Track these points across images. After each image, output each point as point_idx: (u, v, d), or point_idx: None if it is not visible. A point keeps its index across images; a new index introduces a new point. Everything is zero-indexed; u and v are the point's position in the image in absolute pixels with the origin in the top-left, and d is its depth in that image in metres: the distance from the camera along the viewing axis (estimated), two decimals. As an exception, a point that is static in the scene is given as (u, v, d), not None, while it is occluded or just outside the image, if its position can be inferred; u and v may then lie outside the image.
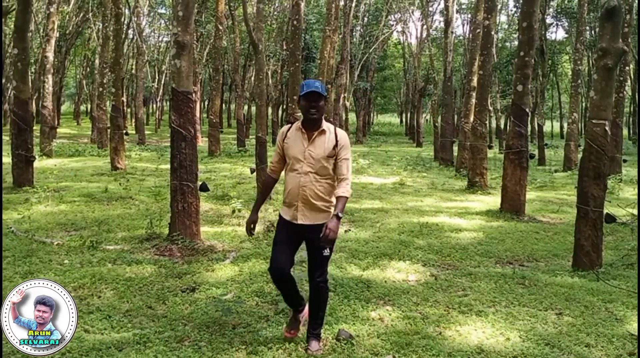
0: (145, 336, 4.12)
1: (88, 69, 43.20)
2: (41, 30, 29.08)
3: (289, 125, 4.07)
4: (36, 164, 11.72)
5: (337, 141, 3.89)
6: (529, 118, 11.12)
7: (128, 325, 4.36)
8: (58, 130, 31.05)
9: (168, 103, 52.55)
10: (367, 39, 36.09)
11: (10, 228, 7.46)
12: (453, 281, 5.81)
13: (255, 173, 10.91)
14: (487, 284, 5.73)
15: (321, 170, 3.88)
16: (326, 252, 3.93)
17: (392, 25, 39.87)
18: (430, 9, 35.31)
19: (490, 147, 15.80)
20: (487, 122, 15.43)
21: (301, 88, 3.87)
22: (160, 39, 49.80)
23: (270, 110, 34.10)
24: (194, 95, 7.52)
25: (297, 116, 14.16)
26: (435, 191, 12.97)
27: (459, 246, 7.34)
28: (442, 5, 30.60)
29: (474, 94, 14.97)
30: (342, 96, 26.94)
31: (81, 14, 34.21)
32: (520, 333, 4.41)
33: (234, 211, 8.87)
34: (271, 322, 4.50)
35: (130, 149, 21.44)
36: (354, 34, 34.65)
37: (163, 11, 41.10)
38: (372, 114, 59.29)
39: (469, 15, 37.09)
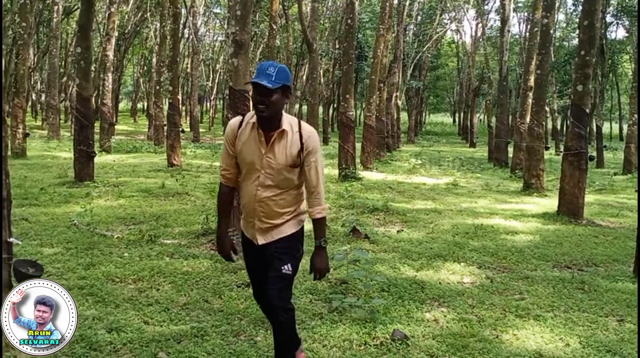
0: (202, 329, 4.20)
1: (145, 68, 44.36)
2: (102, 30, 30.03)
3: (240, 118, 3.17)
4: (96, 159, 12.09)
5: (302, 144, 3.06)
6: (588, 119, 10.81)
7: (186, 318, 4.46)
8: (116, 127, 31.96)
9: (221, 102, 53.44)
10: (421, 37, 35.74)
11: (73, 221, 7.72)
12: (509, 285, 5.70)
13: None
14: (544, 288, 5.60)
15: (283, 183, 3.10)
16: (286, 269, 3.14)
17: (446, 23, 39.36)
18: (486, 7, 34.68)
19: (546, 148, 15.42)
20: (544, 122, 15.07)
21: None
22: (214, 38, 50.63)
23: (321, 109, 34.22)
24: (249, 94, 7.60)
25: (349, 115, 14.19)
26: (490, 193, 12.74)
27: (514, 249, 7.19)
28: (497, 3, 30.01)
29: (531, 94, 14.68)
30: (394, 95, 26.76)
31: (139, 14, 35.10)
32: (580, 339, 4.29)
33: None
34: (325, 319, 4.52)
35: (186, 147, 21.90)
36: (407, 32, 34.30)
37: (218, 11, 41.75)
38: (424, 114, 58.71)
39: (526, 14, 36.32)
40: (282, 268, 3.11)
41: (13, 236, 3.05)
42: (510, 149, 20.48)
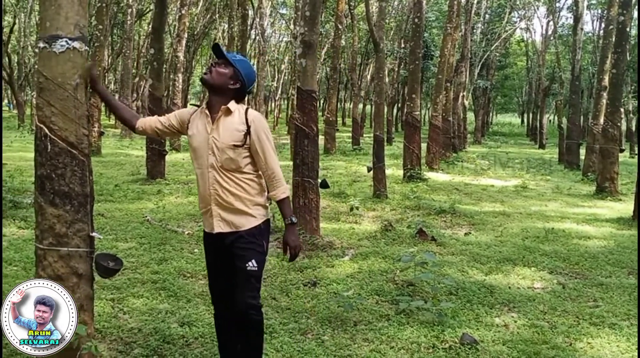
0: (270, 326, 4.26)
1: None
2: (172, 32, 30.89)
3: (197, 107, 3.29)
4: (167, 157, 12.46)
5: (247, 125, 3.05)
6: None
7: (254, 315, 4.54)
8: (184, 126, 32.74)
9: (286, 101, 53.99)
10: (489, 36, 34.97)
11: (146, 217, 7.99)
12: (582, 291, 5.50)
13: (372, 172, 10.93)
14: (620, 296, 5.38)
15: (227, 163, 3.03)
16: (251, 265, 3.03)
17: (516, 22, 38.39)
18: (558, 4, 33.58)
19: (621, 150, 14.78)
20: (619, 124, 14.47)
21: None
22: (280, 39, 51.20)
23: (385, 109, 34.02)
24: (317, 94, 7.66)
25: (415, 115, 14.05)
26: (561, 196, 12.34)
27: (587, 255, 6.94)
28: (570, 0, 29.03)
29: (605, 94, 14.13)
30: (461, 94, 26.32)
31: (208, 15, 35.92)
32: (659, 350, 4.11)
33: (351, 209, 8.95)
34: (392, 321, 4.49)
35: (251, 146, 22.22)
36: (475, 31, 33.65)
37: (284, 12, 42.19)
38: (491, 114, 57.48)
39: (600, 11, 34.96)
40: (247, 265, 3.02)
41: (94, 231, 3.17)
42: (582, 151, 19.76)
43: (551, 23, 31.00)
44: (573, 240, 7.76)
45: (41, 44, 2.99)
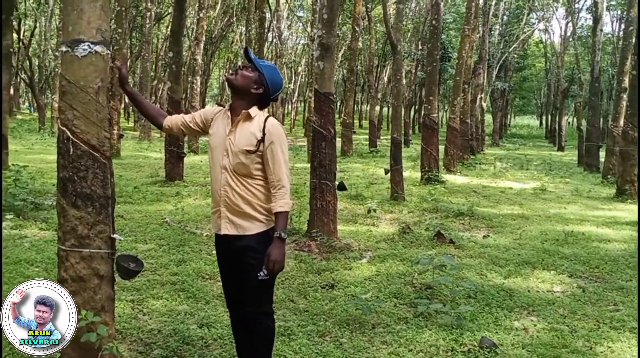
0: (289, 328, 4.27)
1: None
2: (190, 35, 31.08)
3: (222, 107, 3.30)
4: (185, 160, 12.54)
5: (264, 133, 3.03)
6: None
7: (272, 317, 4.55)
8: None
9: (302, 104, 54.06)
10: (507, 38, 34.74)
11: (165, 218, 8.05)
12: (603, 295, 5.45)
13: (389, 174, 10.91)
14: (641, 300, 5.31)
15: (239, 167, 3.05)
16: (262, 274, 3.01)
17: (534, 23, 38.12)
18: (577, 5, 33.29)
19: (642, 152, 14.60)
20: None
21: None
22: (297, 41, 51.34)
23: (402, 111, 33.94)
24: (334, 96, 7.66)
25: (433, 117, 13.99)
26: (580, 198, 12.22)
27: (608, 258, 6.86)
28: (589, 1, 28.74)
29: (625, 95, 14.00)
30: (479, 96, 26.17)
31: (226, 19, 36.12)
32: (683, 356, 4.05)
33: (369, 211, 8.94)
34: (410, 324, 4.48)
35: (268, 148, 22.28)
36: (492, 32, 33.44)
37: (301, 14, 42.28)
38: (509, 116, 57.09)
39: (619, 12, 34.58)
40: (259, 274, 3.01)
41: (115, 233, 3.21)
42: (602, 154, 19.55)
43: (570, 24, 30.73)
44: (593, 243, 7.68)
45: (63, 48, 3.03)
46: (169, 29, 34.86)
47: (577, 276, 6.08)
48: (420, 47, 31.54)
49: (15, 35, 23.32)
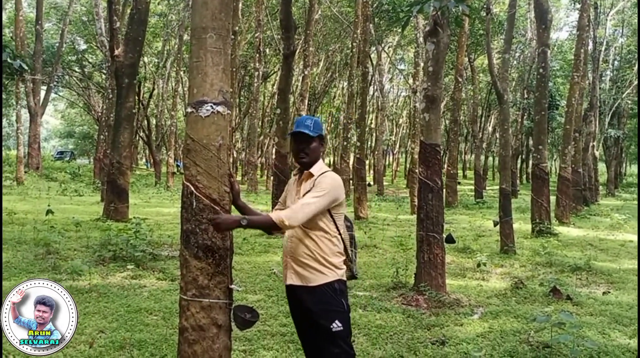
0: (400, 385, 4.17)
1: (332, 125, 46.56)
2: (295, 91, 32.23)
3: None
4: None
5: (313, 184, 3.18)
6: None
7: (383, 372, 4.47)
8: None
9: (404, 155, 53.99)
10: (619, 83, 33.21)
11: (272, 269, 8.22)
12: None
13: (498, 226, 10.57)
14: None
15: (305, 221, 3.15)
16: (336, 326, 3.08)
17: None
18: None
19: None
20: None
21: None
22: (398, 93, 51.79)
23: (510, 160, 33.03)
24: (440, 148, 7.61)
25: (543, 167, 13.49)
26: None
27: None
28: None
29: None
30: (591, 144, 25.01)
31: (329, 74, 37.19)
32: None
33: (478, 265, 8.66)
34: (529, 385, 4.24)
35: (371, 200, 22.35)
36: (603, 78, 32.12)
37: (403, 67, 42.75)
38: (624, 164, 53.91)
39: None
40: (331, 326, 3.08)
41: (233, 283, 3.32)
42: None
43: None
44: None
45: (189, 109, 3.26)
46: (274, 87, 36.44)
47: None
48: (526, 96, 30.80)
49: (135, 97, 25.21)
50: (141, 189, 26.01)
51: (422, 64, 20.76)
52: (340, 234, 3.27)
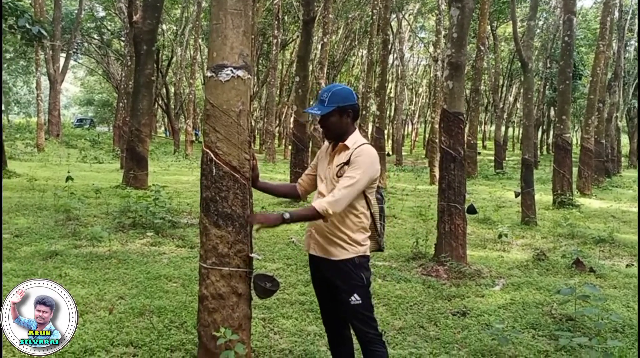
0: (421, 356, 4.13)
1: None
2: (313, 59, 31.90)
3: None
4: (310, 181, 12.72)
5: (350, 158, 3.03)
6: None
7: (403, 343, 4.42)
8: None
9: (423, 125, 53.53)
10: (645, 52, 32.36)
11: (291, 238, 8.19)
12: None
13: (519, 197, 10.42)
14: None
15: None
16: (354, 299, 3.06)
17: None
18: None
19: None
20: None
21: None
22: (418, 62, 51.08)
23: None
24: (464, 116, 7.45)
25: (565, 137, 13.24)
26: None
27: None
28: None
29: None
30: (615, 115, 24.52)
31: (348, 42, 36.71)
32: None
33: (499, 236, 8.55)
34: (552, 358, 4.18)
35: (389, 170, 22.21)
36: (627, 48, 31.34)
37: (423, 35, 42.07)
38: (647, 136, 52.86)
39: None
40: (350, 299, 3.07)
41: (254, 252, 3.26)
42: None
43: None
44: None
45: (209, 74, 3.16)
46: (293, 55, 36.09)
47: None
48: (548, 65, 30.19)
49: (154, 64, 25.10)
50: (160, 158, 26.10)
51: (443, 32, 20.37)
52: (370, 208, 3.16)
